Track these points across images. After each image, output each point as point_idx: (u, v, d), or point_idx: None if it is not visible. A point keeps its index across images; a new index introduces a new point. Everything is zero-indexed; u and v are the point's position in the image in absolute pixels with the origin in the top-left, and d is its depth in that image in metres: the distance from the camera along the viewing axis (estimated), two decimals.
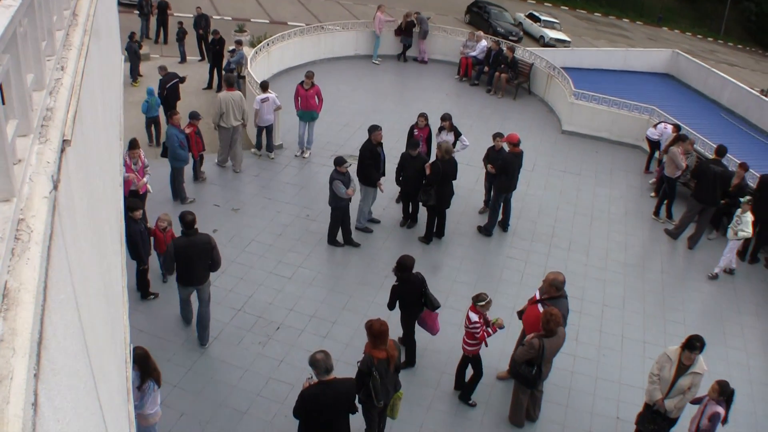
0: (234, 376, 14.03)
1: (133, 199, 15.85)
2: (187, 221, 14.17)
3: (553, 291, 13.13)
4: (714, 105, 33.05)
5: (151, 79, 28.08)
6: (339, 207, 17.94)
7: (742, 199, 18.82)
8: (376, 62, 34.17)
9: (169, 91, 25.19)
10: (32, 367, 2.78)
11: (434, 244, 19.20)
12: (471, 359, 13.68)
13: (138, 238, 14.96)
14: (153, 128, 24.99)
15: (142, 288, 16.04)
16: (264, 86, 22.59)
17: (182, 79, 25.75)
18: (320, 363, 10.30)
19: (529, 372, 12.43)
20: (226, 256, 17.45)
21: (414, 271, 14.11)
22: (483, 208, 20.95)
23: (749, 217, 18.27)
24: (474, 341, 13.20)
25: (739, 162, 20.82)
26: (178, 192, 19.79)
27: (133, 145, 17.34)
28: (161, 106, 24.74)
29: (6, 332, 2.79)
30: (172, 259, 14.30)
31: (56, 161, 4.26)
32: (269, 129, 22.86)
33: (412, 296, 14.17)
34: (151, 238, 15.84)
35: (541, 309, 12.97)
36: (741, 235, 18.26)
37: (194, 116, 20.15)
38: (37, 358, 2.93)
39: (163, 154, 19.79)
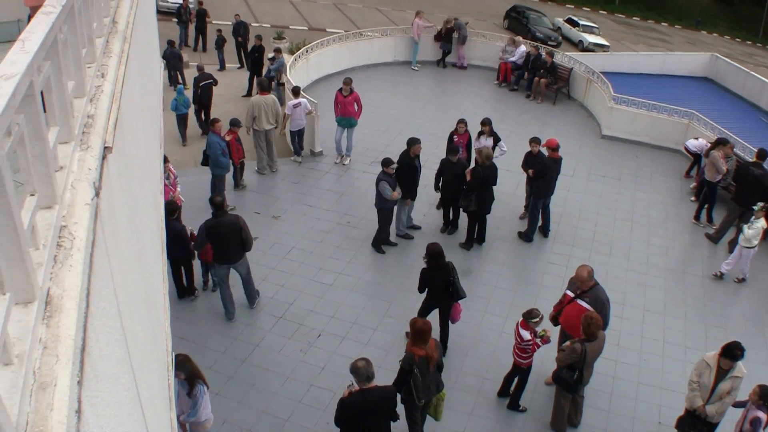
0: (276, 384, 14.09)
1: (169, 202, 16.07)
2: (216, 203, 15.16)
3: (587, 283, 13.10)
4: (753, 108, 32.76)
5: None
6: (385, 208, 18.04)
7: (755, 207, 18.53)
8: (416, 68, 34.17)
9: (202, 89, 25.66)
10: (75, 373, 2.81)
11: (475, 250, 19.18)
12: (523, 370, 13.66)
13: (176, 238, 15.23)
14: (183, 127, 25.52)
15: (179, 287, 16.36)
16: (296, 92, 22.79)
17: (215, 81, 26.16)
18: (361, 370, 10.35)
19: (570, 377, 12.39)
20: (267, 263, 17.63)
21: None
22: (523, 214, 20.90)
23: (761, 223, 18.02)
24: (526, 354, 13.18)
25: None
26: None
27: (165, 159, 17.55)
28: (193, 105, 25.55)
29: (49, 339, 2.83)
30: (203, 237, 15.18)
31: (98, 168, 4.31)
32: (301, 133, 23.15)
33: (440, 282, 14.55)
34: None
35: (582, 303, 12.98)
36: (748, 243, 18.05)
37: (235, 123, 20.30)
38: (81, 364, 2.96)
39: (204, 163, 19.87)
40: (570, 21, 55.65)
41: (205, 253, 16.19)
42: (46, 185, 3.45)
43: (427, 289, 14.85)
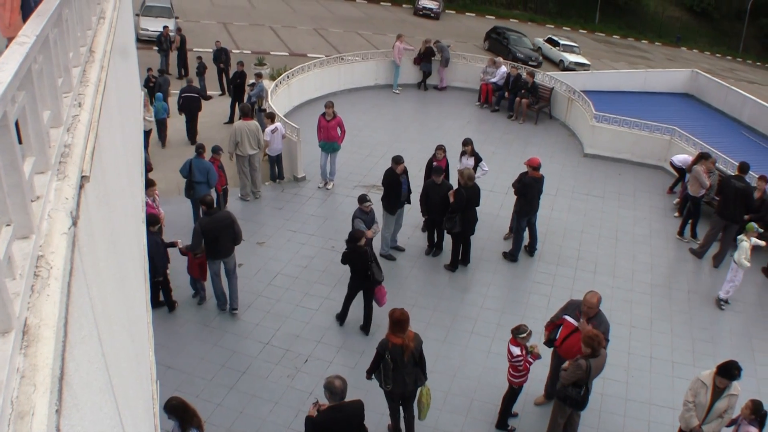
0: (264, 410, 14.05)
1: (151, 214, 16.34)
2: (208, 201, 16.26)
3: (595, 309, 13.08)
4: (734, 123, 32.91)
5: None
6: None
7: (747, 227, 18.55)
8: (397, 91, 34.31)
9: (184, 100, 27.18)
10: (54, 402, 2.81)
11: (460, 272, 19.20)
12: (513, 389, 13.65)
13: (154, 249, 15.43)
14: (160, 131, 27.66)
15: (155, 301, 16.29)
16: (271, 117, 23.09)
17: (204, 97, 28.10)
18: (337, 390, 10.45)
19: (577, 393, 12.34)
20: (253, 290, 17.64)
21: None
22: (508, 234, 20.91)
23: (746, 244, 17.99)
24: (519, 373, 13.16)
25: (758, 175, 20.67)
26: None
27: (149, 183, 17.71)
28: (183, 113, 27.90)
29: (27, 368, 2.83)
30: (199, 237, 15.80)
31: (75, 197, 4.30)
32: (279, 158, 23.46)
33: (358, 265, 15.74)
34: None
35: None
36: (743, 264, 18.01)
37: (216, 150, 20.37)
38: (59, 393, 2.96)
39: (188, 195, 19.94)
40: (550, 41, 55.95)
41: (192, 268, 16.70)
42: (23, 215, 3.44)
43: (350, 270, 16.08)
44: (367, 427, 11.29)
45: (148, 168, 21.76)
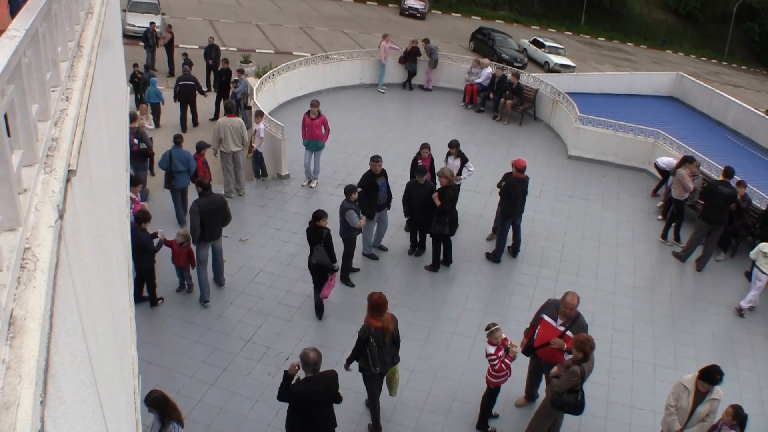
0: (244, 407, 14.02)
1: (141, 211, 16.62)
2: (205, 184, 16.76)
3: (574, 310, 13.07)
4: (719, 126, 33.07)
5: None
6: (350, 237, 17.92)
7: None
8: (382, 90, 34.31)
9: (182, 88, 28.81)
10: (39, 394, 2.81)
11: (442, 272, 19.19)
12: (491, 389, 13.64)
13: (140, 244, 15.69)
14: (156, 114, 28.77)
15: (139, 296, 16.62)
16: (260, 115, 23.52)
17: (201, 90, 29.21)
18: (311, 361, 10.98)
19: (574, 399, 12.30)
20: (235, 287, 17.63)
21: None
22: (491, 235, 20.93)
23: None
24: (497, 373, 13.12)
25: (737, 180, 20.81)
26: (180, 214, 20.65)
27: (134, 182, 17.89)
28: (178, 101, 29.07)
29: (12, 360, 2.82)
30: (197, 218, 16.22)
31: (62, 191, 4.31)
32: (261, 156, 23.75)
33: (315, 242, 16.11)
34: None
35: (570, 334, 12.93)
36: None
37: (201, 146, 20.49)
38: (44, 385, 2.95)
39: (168, 186, 20.04)
40: (536, 42, 56.10)
41: (179, 257, 16.94)
42: (10, 208, 3.44)
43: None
44: (342, 396, 11.79)
45: (150, 152, 22.12)
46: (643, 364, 16.40)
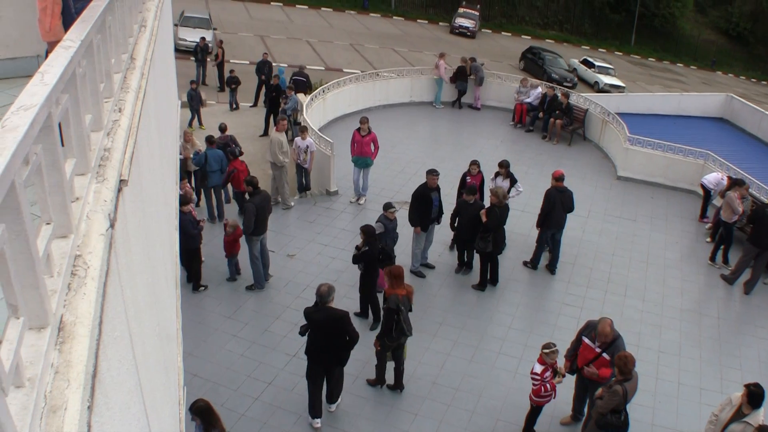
0: (288, 422, 14.04)
1: (182, 195, 17.16)
2: (254, 182, 17.85)
3: (610, 336, 13.00)
4: None
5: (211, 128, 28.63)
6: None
7: None
8: (438, 107, 34.51)
9: (295, 83, 30.79)
10: (86, 399, 2.85)
11: (489, 291, 19.12)
12: (534, 407, 13.59)
13: (188, 227, 16.82)
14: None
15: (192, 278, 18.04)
16: (304, 130, 23.40)
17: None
18: (320, 292, 12.90)
19: (617, 420, 12.19)
20: (281, 302, 17.73)
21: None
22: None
23: None
24: (540, 394, 13.10)
25: None
26: (212, 211, 21.66)
27: (183, 201, 18.36)
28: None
29: (61, 364, 2.87)
30: (253, 215, 17.26)
31: (113, 200, 4.37)
32: (307, 170, 23.86)
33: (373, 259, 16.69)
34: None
35: (606, 356, 12.90)
36: None
37: (237, 153, 21.76)
38: (91, 390, 2.99)
39: (201, 185, 21.19)
40: (586, 62, 55.83)
41: (232, 245, 18.20)
42: (62, 215, 3.50)
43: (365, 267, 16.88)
44: (358, 334, 13.35)
45: (202, 103, 23.16)
46: (689, 387, 16.22)
